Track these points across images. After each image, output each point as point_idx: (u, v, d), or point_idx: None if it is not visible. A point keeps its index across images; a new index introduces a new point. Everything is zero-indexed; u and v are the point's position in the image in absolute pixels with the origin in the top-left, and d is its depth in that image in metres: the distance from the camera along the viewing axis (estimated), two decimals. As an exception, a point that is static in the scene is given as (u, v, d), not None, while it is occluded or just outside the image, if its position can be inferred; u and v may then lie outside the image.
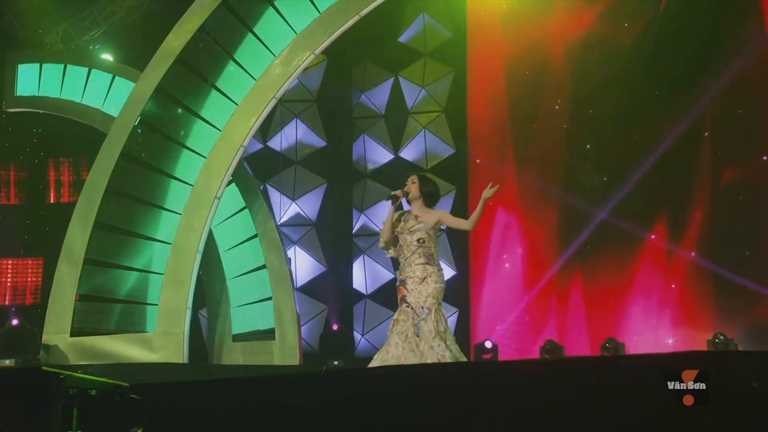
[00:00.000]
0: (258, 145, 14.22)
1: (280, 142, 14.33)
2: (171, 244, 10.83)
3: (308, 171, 14.34)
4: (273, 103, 10.97)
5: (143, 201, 11.02)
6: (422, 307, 5.75)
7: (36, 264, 13.88)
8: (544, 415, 3.95)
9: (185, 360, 10.55)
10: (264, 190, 13.36)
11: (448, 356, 5.63)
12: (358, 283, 14.23)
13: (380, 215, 14.15)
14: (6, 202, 14.11)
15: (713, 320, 11.57)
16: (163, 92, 10.99)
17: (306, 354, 12.21)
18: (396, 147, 14.36)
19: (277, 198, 14.07)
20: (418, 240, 5.83)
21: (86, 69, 12.34)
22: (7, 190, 14.08)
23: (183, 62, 10.97)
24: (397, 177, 13.57)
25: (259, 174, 12.95)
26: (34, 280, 13.83)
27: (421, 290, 5.76)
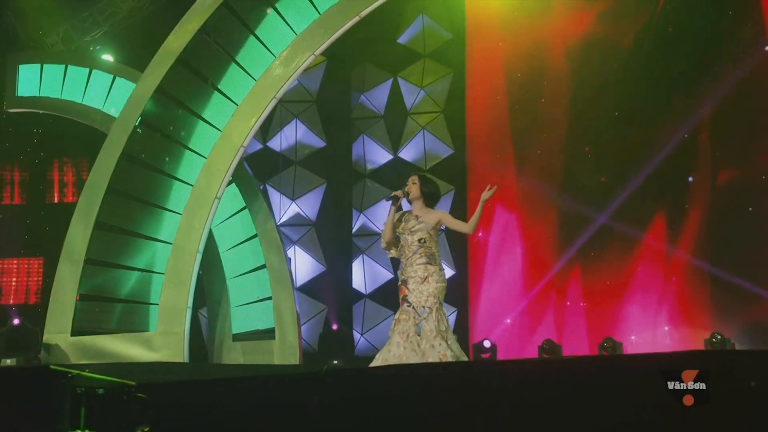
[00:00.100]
0: (258, 146, 14.26)
1: (279, 142, 14.39)
2: (171, 243, 10.84)
3: (308, 171, 14.40)
4: (273, 103, 10.98)
5: (144, 201, 11.03)
6: (423, 306, 5.77)
7: (37, 263, 13.93)
8: (545, 414, 3.97)
9: (185, 359, 10.55)
10: (264, 190, 13.39)
11: (449, 355, 5.65)
12: (357, 282, 14.28)
13: (379, 215, 14.20)
14: (8, 202, 14.15)
15: (711, 320, 11.62)
16: (163, 93, 10.99)
17: (306, 353, 12.23)
18: (395, 147, 14.41)
19: (276, 198, 14.12)
20: (420, 240, 5.86)
21: (87, 70, 12.33)
22: (10, 189, 14.12)
23: (183, 63, 10.98)
24: (397, 177, 13.76)
25: (259, 174, 12.97)
26: (36, 279, 13.87)
27: (423, 290, 5.78)
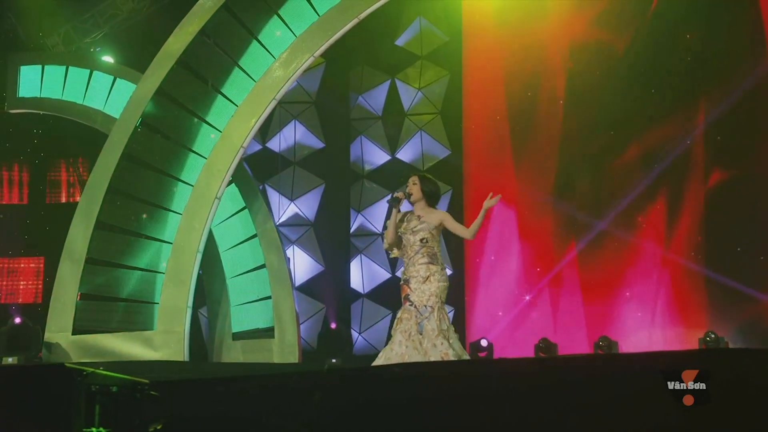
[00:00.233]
0: (257, 146, 14.32)
1: (278, 143, 14.47)
2: (172, 243, 10.90)
3: (306, 172, 14.48)
4: (273, 104, 11.01)
5: (144, 201, 11.08)
6: (425, 305, 5.80)
7: (38, 263, 14.00)
8: (546, 413, 3.98)
9: (186, 358, 10.58)
10: (263, 190, 13.43)
11: (451, 354, 5.68)
12: (355, 282, 14.37)
13: (377, 215, 14.32)
14: (8, 202, 14.23)
15: (705, 319, 11.72)
16: (164, 94, 11.02)
17: (305, 352, 12.28)
18: (393, 148, 14.52)
19: (275, 198, 14.20)
20: (422, 240, 5.89)
21: (88, 71, 12.33)
22: (10, 189, 14.20)
23: (184, 64, 11.01)
24: (394, 178, 13.88)
25: (258, 175, 13.01)
26: (37, 279, 13.95)
27: (424, 289, 5.82)
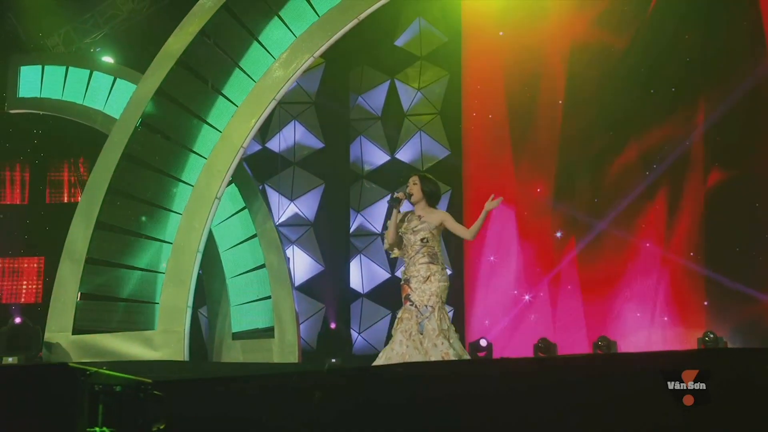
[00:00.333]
0: (257, 147, 14.35)
1: (278, 143, 14.50)
2: (172, 243, 10.91)
3: (306, 172, 14.51)
4: (273, 104, 11.03)
5: (144, 201, 11.09)
6: (426, 305, 5.81)
7: (38, 263, 14.04)
8: (546, 413, 3.99)
9: (186, 358, 10.59)
10: (263, 190, 13.46)
11: (451, 354, 5.70)
12: (354, 282, 14.41)
13: (377, 215, 14.35)
14: (9, 202, 14.25)
15: (704, 319, 11.77)
16: (164, 94, 11.04)
17: (304, 352, 12.31)
18: (392, 148, 14.56)
19: (275, 198, 14.23)
20: (422, 239, 5.91)
21: (88, 71, 12.35)
22: (12, 189, 14.23)
23: (184, 65, 11.03)
24: (394, 178, 13.93)
25: (258, 175, 13.04)
26: (37, 279, 13.98)
27: (425, 289, 5.83)
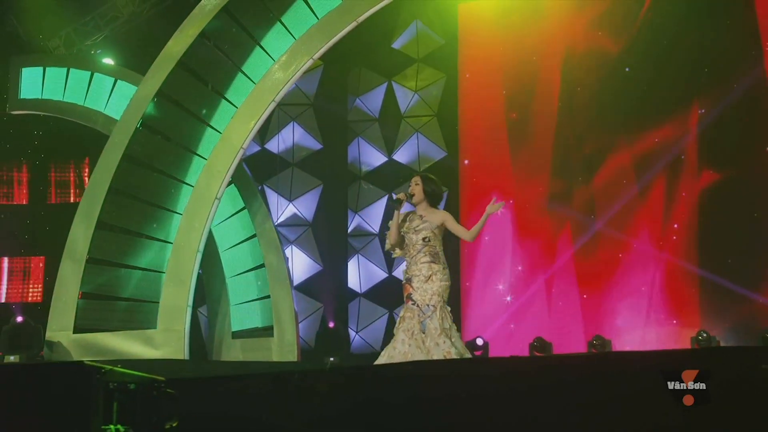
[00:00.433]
0: (256, 148, 14.38)
1: (277, 144, 14.57)
2: (172, 243, 10.99)
3: (304, 173, 14.58)
4: (272, 106, 11.10)
5: (145, 201, 11.16)
6: (428, 304, 5.86)
7: (39, 262, 14.11)
8: (547, 413, 4.03)
9: (186, 356, 10.66)
10: (262, 191, 13.49)
11: (453, 353, 5.75)
12: (352, 281, 14.50)
13: (374, 216, 14.47)
14: (7, 202, 14.32)
15: (698, 318, 11.86)
16: (164, 96, 11.12)
17: (303, 351, 12.40)
18: (389, 150, 14.66)
19: (274, 199, 14.28)
20: (424, 239, 5.96)
21: (89, 73, 12.43)
22: (11, 189, 14.30)
23: (184, 67, 11.10)
24: (391, 179, 14.05)
25: (256, 175, 13.10)
26: (38, 278, 14.06)
27: (427, 288, 5.89)
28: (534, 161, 13.06)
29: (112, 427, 3.81)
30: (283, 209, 14.41)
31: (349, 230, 14.64)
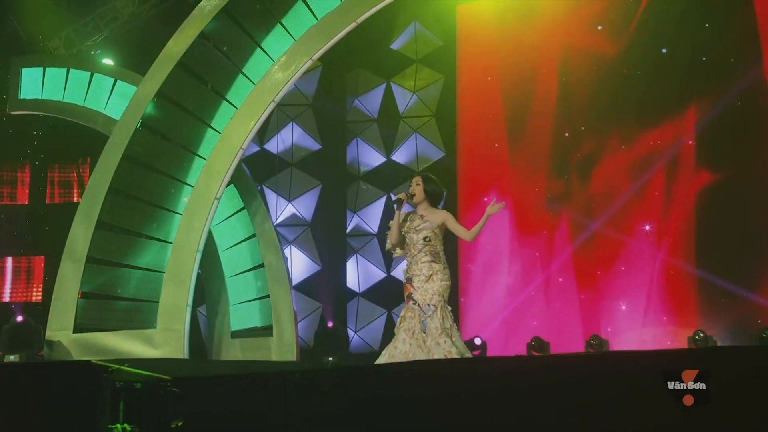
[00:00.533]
0: (255, 148, 14.42)
1: (276, 144, 14.60)
2: (172, 243, 11.00)
3: (303, 173, 14.63)
4: (271, 106, 11.11)
5: (145, 201, 11.16)
6: (428, 304, 5.88)
7: (39, 262, 14.13)
8: (547, 412, 4.04)
9: (185, 356, 10.66)
10: (261, 191, 13.50)
11: (454, 352, 5.76)
12: (351, 281, 14.54)
13: (373, 216, 14.51)
14: (10, 202, 14.34)
15: (695, 318, 11.90)
16: (164, 96, 11.12)
17: (302, 350, 12.42)
18: (388, 150, 14.70)
19: (273, 199, 14.31)
20: (425, 238, 5.98)
21: (88, 73, 12.42)
22: (15, 189, 14.32)
23: (184, 67, 11.10)
24: (389, 179, 14.09)
25: (256, 176, 13.12)
26: (38, 278, 14.09)
27: (427, 288, 5.90)
28: (532, 161, 13.11)
29: (119, 425, 3.84)
30: (282, 209, 14.44)
31: (348, 230, 14.68)
